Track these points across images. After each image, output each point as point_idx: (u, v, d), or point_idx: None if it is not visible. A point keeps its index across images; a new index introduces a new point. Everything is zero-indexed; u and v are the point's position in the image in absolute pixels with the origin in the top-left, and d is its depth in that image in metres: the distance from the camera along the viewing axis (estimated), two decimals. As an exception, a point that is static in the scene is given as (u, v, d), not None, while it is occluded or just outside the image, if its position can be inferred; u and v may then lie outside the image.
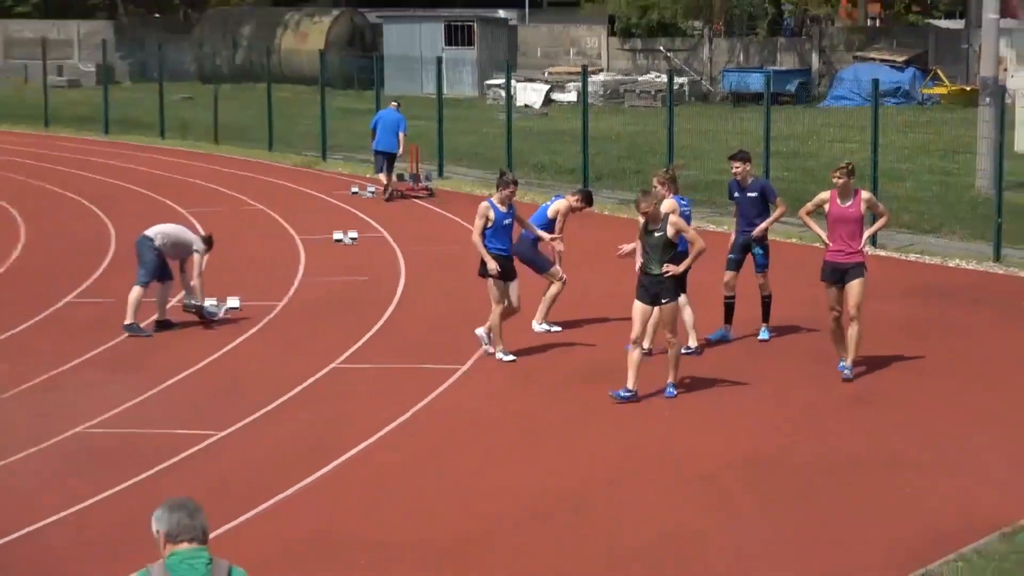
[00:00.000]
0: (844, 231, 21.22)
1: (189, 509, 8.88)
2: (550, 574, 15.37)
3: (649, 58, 75.05)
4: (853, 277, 21.14)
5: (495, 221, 22.39)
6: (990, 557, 15.29)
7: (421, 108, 48.44)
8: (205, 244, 26.12)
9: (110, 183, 43.39)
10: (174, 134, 54.10)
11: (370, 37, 74.76)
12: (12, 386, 22.51)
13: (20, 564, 15.94)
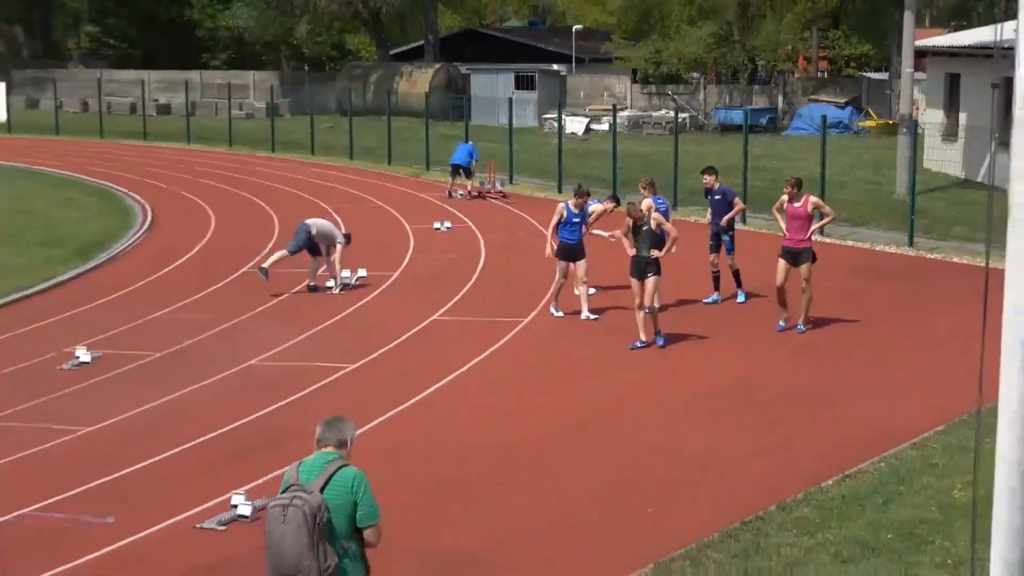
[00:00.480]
0: (795, 225, 21.29)
1: (328, 423, 9.08)
2: (592, 465, 15.39)
3: (660, 99, 74.65)
4: (803, 259, 21.21)
5: (566, 218, 22.44)
6: (903, 460, 15.24)
7: (497, 135, 48.17)
8: (345, 239, 26.21)
9: (274, 187, 43.41)
10: (320, 152, 54.02)
11: (461, 83, 74.48)
12: (209, 329, 22.65)
13: (222, 451, 16.03)
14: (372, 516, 8.55)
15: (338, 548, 8.38)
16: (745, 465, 15.33)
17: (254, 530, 13.49)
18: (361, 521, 8.50)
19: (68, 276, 28.26)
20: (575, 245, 22.58)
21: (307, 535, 8.15)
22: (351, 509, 8.49)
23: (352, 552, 8.52)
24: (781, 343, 21.31)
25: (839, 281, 26.17)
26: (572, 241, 22.58)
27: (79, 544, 13.17)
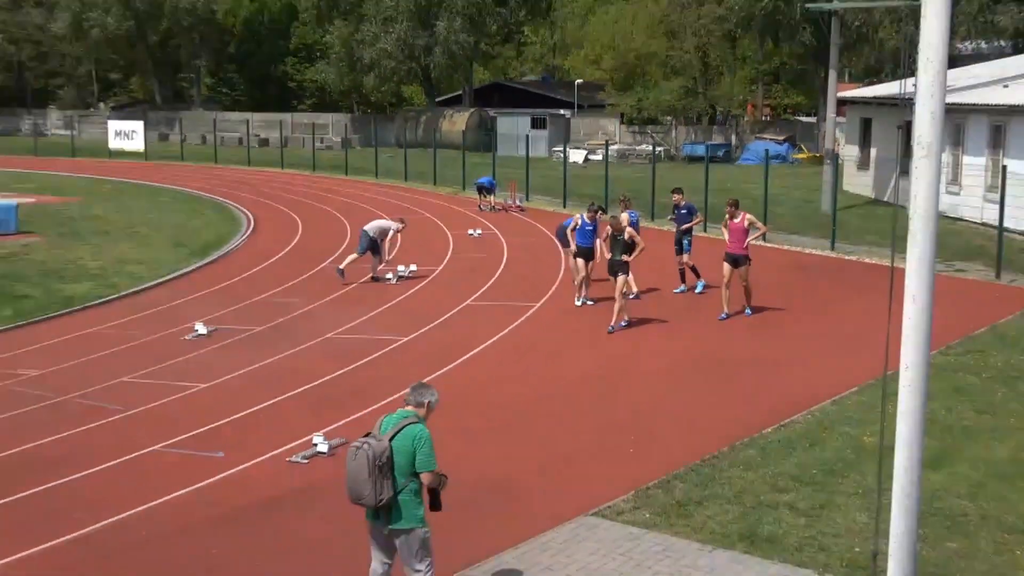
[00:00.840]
0: (735, 236, 21.24)
1: (413, 387, 9.06)
2: (588, 415, 15.40)
3: (642, 136, 74.62)
4: (742, 263, 21.17)
5: (580, 226, 22.34)
6: (826, 413, 15.23)
7: (517, 163, 48.09)
8: (400, 223, 26.63)
9: (347, 202, 43.42)
10: (383, 176, 54.09)
11: (490, 123, 74.52)
12: (297, 310, 22.67)
13: (306, 403, 16.07)
14: (426, 465, 8.66)
15: (398, 485, 8.61)
16: (705, 415, 15.33)
17: (329, 463, 13.54)
18: (418, 467, 8.63)
19: (191, 269, 28.41)
20: (588, 248, 22.46)
21: (367, 472, 8.48)
22: (412, 457, 8.61)
23: (410, 488, 8.69)
24: (733, 323, 21.24)
25: (778, 276, 26.13)
26: (586, 245, 22.46)
27: (197, 473, 13.21)
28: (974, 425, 14.64)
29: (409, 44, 76.96)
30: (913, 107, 5.44)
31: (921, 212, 5.23)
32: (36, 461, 13.70)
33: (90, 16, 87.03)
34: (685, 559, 10.59)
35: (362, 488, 8.57)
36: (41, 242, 32.79)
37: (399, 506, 8.72)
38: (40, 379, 17.73)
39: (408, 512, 8.76)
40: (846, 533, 11.08)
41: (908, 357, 5.32)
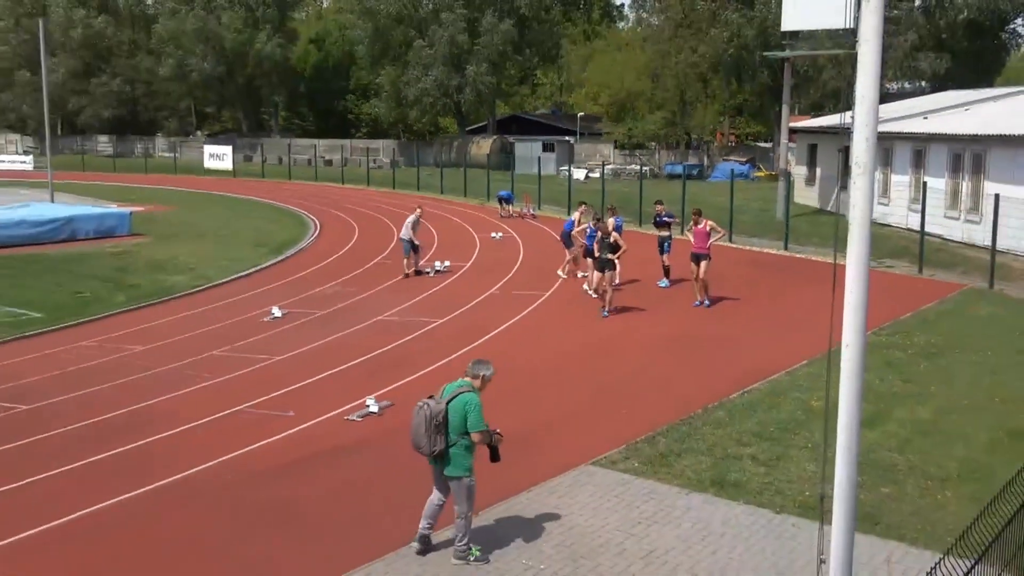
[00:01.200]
0: (698, 238, 21.08)
1: (473, 361, 9.37)
2: (587, 380, 15.32)
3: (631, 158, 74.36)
4: (703, 260, 20.98)
5: (589, 232, 21.91)
6: (781, 382, 15.14)
7: (531, 180, 47.95)
8: (417, 211, 26.43)
9: (393, 211, 43.35)
10: (423, 189, 54.03)
11: (509, 148, 74.35)
12: (353, 297, 22.61)
13: (361, 371, 16.00)
14: (475, 426, 8.91)
15: (451, 440, 8.90)
16: (682, 383, 15.23)
17: (380, 421, 13.49)
18: (469, 428, 8.91)
19: (268, 264, 28.34)
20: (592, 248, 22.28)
21: (425, 428, 8.83)
22: (464, 418, 8.90)
23: (462, 444, 8.98)
24: (702, 309, 21.12)
25: (739, 270, 25.98)
26: (590, 245, 22.20)
27: (272, 429, 13.19)
28: (901, 392, 14.52)
29: (444, 84, 77.14)
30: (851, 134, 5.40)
31: (858, 218, 5.16)
32: (142, 419, 13.70)
33: (190, 62, 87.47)
34: (667, 500, 10.52)
35: (420, 440, 8.88)
36: (148, 242, 32.83)
37: (451, 457, 8.97)
38: (146, 353, 17.72)
39: (457, 463, 9.00)
40: (798, 480, 10.99)
41: (848, 336, 5.25)
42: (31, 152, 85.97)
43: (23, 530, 9.92)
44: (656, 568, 8.94)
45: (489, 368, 9.23)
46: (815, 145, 44.08)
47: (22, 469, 11.68)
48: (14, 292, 23.56)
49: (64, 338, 19.13)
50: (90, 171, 70.51)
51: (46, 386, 15.45)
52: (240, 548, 9.48)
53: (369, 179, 60.25)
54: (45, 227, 32.68)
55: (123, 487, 11.05)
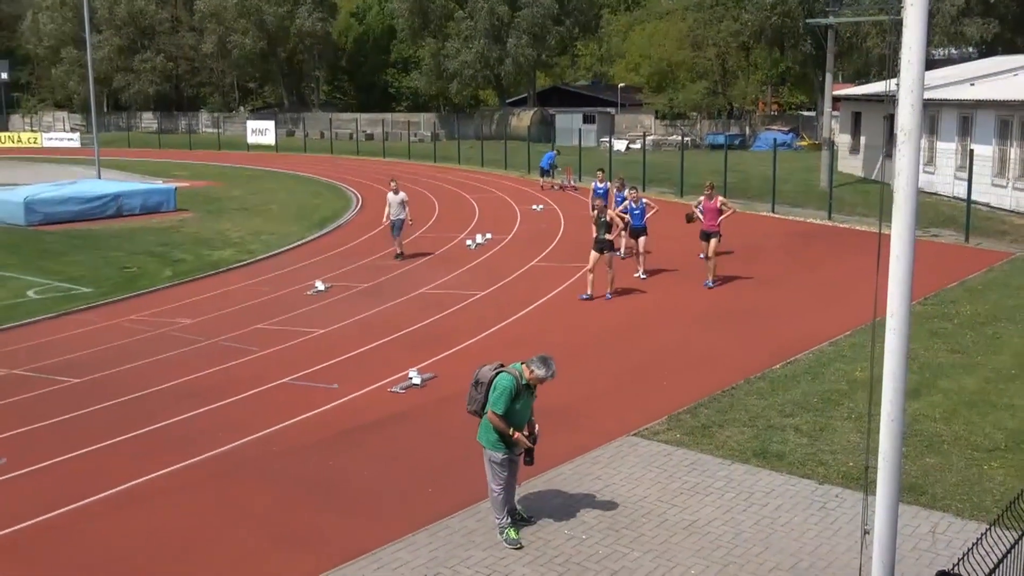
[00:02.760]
0: (709, 215, 20.26)
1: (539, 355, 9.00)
2: (627, 353, 15.28)
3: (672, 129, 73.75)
4: (713, 237, 20.23)
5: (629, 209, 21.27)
6: (824, 352, 15.02)
7: (571, 151, 47.69)
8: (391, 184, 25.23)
9: (435, 184, 43.43)
10: (464, 162, 53.91)
11: (550, 120, 73.94)
12: (395, 270, 22.67)
13: (404, 344, 16.08)
14: (491, 405, 8.82)
15: (485, 409, 8.93)
16: (724, 354, 15.13)
17: (422, 393, 13.54)
18: (488, 405, 8.88)
19: (312, 238, 28.51)
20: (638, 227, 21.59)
21: (472, 390, 9.01)
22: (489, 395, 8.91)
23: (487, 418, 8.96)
24: (743, 280, 20.93)
25: (782, 241, 25.75)
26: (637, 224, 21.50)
27: (316, 401, 13.29)
28: (947, 362, 14.34)
29: (485, 57, 76.86)
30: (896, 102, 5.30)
31: (904, 186, 5.07)
32: (190, 391, 13.86)
33: (232, 38, 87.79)
34: (709, 471, 10.49)
35: (469, 399, 9.05)
36: (193, 217, 33.12)
37: (481, 425, 8.99)
38: (193, 326, 17.91)
39: (483, 433, 8.98)
40: (841, 450, 10.90)
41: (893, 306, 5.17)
42: (78, 129, 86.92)
43: (73, 501, 10.10)
44: (698, 538, 8.93)
45: (543, 368, 8.84)
46: (859, 113, 43.47)
47: (72, 441, 11.87)
48: (63, 268, 23.90)
49: (112, 313, 19.38)
50: (136, 147, 71.18)
51: (95, 360, 15.67)
52: (285, 518, 9.58)
53: (410, 152, 60.28)
54: (93, 203, 33.06)
55: (170, 459, 11.20)
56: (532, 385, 8.94)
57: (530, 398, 9.00)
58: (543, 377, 8.86)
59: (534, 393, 9.05)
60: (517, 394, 8.80)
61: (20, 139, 78.20)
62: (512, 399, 8.76)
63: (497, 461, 8.91)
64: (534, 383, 8.91)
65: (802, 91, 79.30)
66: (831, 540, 8.84)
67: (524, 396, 8.88)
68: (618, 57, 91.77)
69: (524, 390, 8.86)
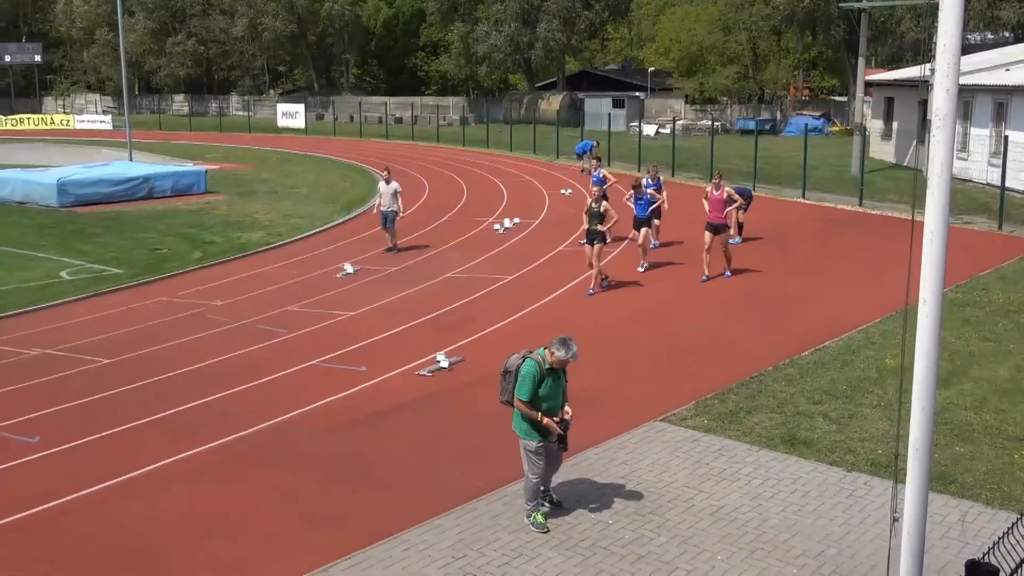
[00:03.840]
0: (715, 207, 19.39)
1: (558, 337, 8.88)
2: (654, 339, 15.24)
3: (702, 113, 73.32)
4: (721, 231, 19.29)
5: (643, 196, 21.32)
6: (853, 339, 14.92)
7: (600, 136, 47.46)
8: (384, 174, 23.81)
9: (464, 167, 43.42)
10: (492, 146, 53.79)
11: (579, 104, 73.70)
12: (423, 254, 22.72)
13: (431, 327, 16.11)
14: (515, 392, 8.78)
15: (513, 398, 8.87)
16: (752, 340, 15.06)
17: (449, 376, 13.57)
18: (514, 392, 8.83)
19: (339, 221, 28.58)
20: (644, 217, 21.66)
21: (502, 380, 8.95)
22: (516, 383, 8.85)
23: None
24: (773, 267, 20.81)
25: (813, 227, 25.57)
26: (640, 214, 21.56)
27: (344, 383, 13.34)
28: (978, 350, 14.20)
29: (515, 41, 76.73)
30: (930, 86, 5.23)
31: (938, 171, 5.01)
32: (218, 372, 13.95)
33: (263, 21, 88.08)
34: (736, 457, 10.45)
35: (500, 387, 9.00)
36: (223, 200, 33.29)
37: (514, 414, 8.96)
38: (223, 308, 18.02)
39: (516, 422, 8.95)
40: (870, 438, 10.83)
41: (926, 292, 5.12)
42: (110, 112, 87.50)
43: (103, 480, 10.19)
44: (725, 524, 8.90)
45: (562, 349, 8.68)
46: (892, 98, 43.03)
47: (102, 421, 11.99)
48: (95, 249, 24.09)
49: (142, 294, 19.53)
50: (167, 130, 71.57)
51: (125, 340, 15.80)
52: (312, 499, 9.63)
53: (439, 136, 60.27)
54: (124, 185, 33.30)
55: (199, 439, 11.29)
56: (558, 369, 8.80)
57: (558, 383, 8.84)
58: (564, 358, 8.69)
59: (563, 378, 8.92)
60: (542, 379, 8.68)
61: (53, 121, 78.85)
62: (536, 384, 8.66)
63: (532, 450, 8.85)
64: (558, 366, 8.76)
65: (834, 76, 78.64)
66: (858, 528, 8.80)
67: (550, 381, 8.73)
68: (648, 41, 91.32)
69: (549, 374, 8.72)
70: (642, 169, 25.86)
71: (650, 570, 8.11)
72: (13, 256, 23.15)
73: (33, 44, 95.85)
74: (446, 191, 35.09)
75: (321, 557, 8.41)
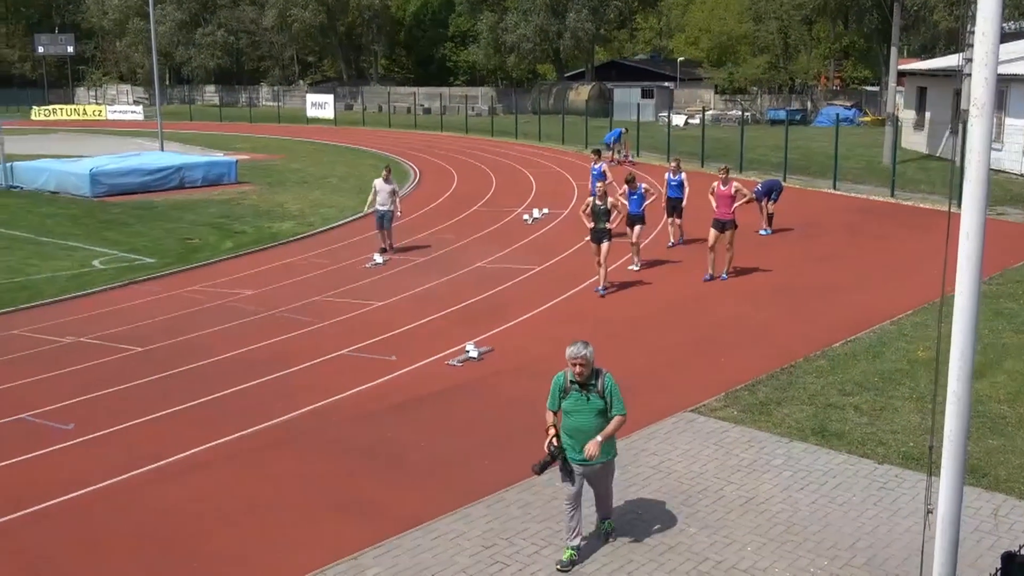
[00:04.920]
0: (723, 203, 18.53)
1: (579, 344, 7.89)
2: (683, 329, 15.19)
3: (732, 104, 72.88)
4: (728, 228, 18.28)
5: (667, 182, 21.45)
6: (885, 331, 14.80)
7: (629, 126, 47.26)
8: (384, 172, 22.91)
9: (492, 158, 43.40)
10: (521, 137, 53.75)
11: (608, 94, 73.50)
12: (453, 244, 22.74)
13: (460, 317, 16.14)
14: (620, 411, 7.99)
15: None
16: (783, 331, 14.99)
17: (479, 367, 13.59)
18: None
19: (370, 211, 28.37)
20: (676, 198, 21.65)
21: None
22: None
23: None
24: (804, 257, 20.69)
25: (844, 218, 25.38)
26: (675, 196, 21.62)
27: (374, 373, 13.39)
28: (1012, 343, 14.07)
29: (544, 30, 76.65)
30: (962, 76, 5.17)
31: (975, 162, 4.96)
32: (249, 361, 14.04)
33: (292, 12, 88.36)
34: (767, 448, 10.41)
35: None
36: (254, 190, 33.45)
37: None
38: (253, 298, 18.13)
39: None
40: (902, 430, 10.76)
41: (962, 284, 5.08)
42: (141, 102, 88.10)
43: (136, 467, 10.30)
44: (754, 516, 8.88)
45: (570, 348, 7.82)
46: (924, 88, 42.61)
47: (134, 408, 12.10)
48: (127, 238, 24.29)
49: (174, 283, 19.68)
50: (197, 120, 71.99)
51: (157, 329, 15.94)
52: (342, 487, 9.69)
53: (467, 127, 60.27)
54: (155, 175, 33.52)
55: (229, 427, 11.38)
56: (584, 384, 7.87)
57: (586, 402, 7.89)
58: (572, 355, 7.76)
59: (596, 398, 7.90)
60: (565, 391, 7.92)
61: (85, 112, 79.50)
62: (560, 395, 7.94)
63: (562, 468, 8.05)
64: (578, 377, 7.82)
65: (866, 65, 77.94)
66: (890, 520, 8.75)
67: (574, 395, 7.90)
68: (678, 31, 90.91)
69: (571, 387, 7.90)
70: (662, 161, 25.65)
71: (679, 560, 8.11)
72: (47, 245, 23.39)
73: (65, 35, 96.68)
74: (474, 181, 35.09)
75: (351, 545, 8.46)
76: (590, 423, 7.88)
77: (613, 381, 7.94)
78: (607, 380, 7.92)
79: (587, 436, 7.84)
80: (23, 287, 19.11)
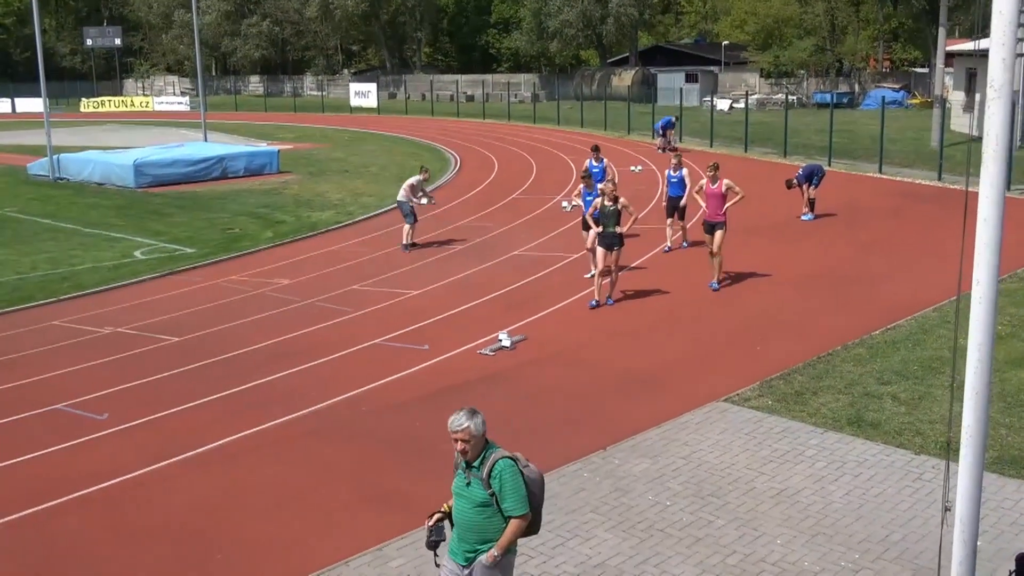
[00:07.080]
0: (713, 202, 16.70)
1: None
2: (718, 320, 15.08)
3: (778, 87, 72.11)
4: (718, 229, 16.72)
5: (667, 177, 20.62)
6: (927, 318, 14.58)
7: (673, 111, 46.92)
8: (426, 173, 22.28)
9: (534, 145, 43.27)
10: (563, 123, 53.54)
11: (651, 79, 72.99)
12: (490, 232, 22.73)
13: (496, 306, 16.12)
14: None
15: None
16: (820, 320, 14.80)
17: (512, 356, 13.55)
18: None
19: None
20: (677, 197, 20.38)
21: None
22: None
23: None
24: (845, 245, 20.38)
25: (890, 202, 25.01)
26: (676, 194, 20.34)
27: (407, 362, 13.41)
28: (1057, 329, 13.79)
29: (587, 15, 76.30)
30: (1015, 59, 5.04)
31: (993, 146, 4.82)
32: (284, 350, 14.12)
33: (335, 1, 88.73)
34: (800, 438, 10.28)
35: None
36: (296, 179, 33.65)
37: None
38: (290, 287, 18.24)
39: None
40: (940, 420, 10.58)
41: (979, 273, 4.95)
42: (187, 93, 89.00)
43: (170, 456, 10.40)
44: (786, 507, 8.77)
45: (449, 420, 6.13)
46: (974, 70, 41.84)
47: (170, 398, 12.22)
48: (168, 229, 24.54)
49: (214, 273, 19.85)
50: (242, 111, 72.55)
51: (195, 319, 16.09)
52: (374, 477, 9.71)
53: (510, 114, 60.16)
54: (199, 166, 33.84)
55: (263, 416, 11.45)
56: (471, 465, 6.02)
57: (465, 487, 5.99)
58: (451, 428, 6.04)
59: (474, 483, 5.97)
60: (456, 465, 6.18)
61: (133, 103, 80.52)
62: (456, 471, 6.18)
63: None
64: (462, 456, 6.05)
65: (915, 47, 76.71)
66: (925, 512, 8.60)
67: (459, 475, 6.11)
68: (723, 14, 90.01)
69: (459, 467, 6.15)
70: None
71: (706, 553, 8.03)
72: (90, 236, 23.70)
73: (113, 28, 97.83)
74: (515, 168, 35.01)
75: (378, 535, 8.48)
76: (467, 516, 5.97)
77: (511, 469, 5.87)
78: (499, 467, 5.87)
79: (466, 531, 5.98)
80: (64, 278, 19.38)
